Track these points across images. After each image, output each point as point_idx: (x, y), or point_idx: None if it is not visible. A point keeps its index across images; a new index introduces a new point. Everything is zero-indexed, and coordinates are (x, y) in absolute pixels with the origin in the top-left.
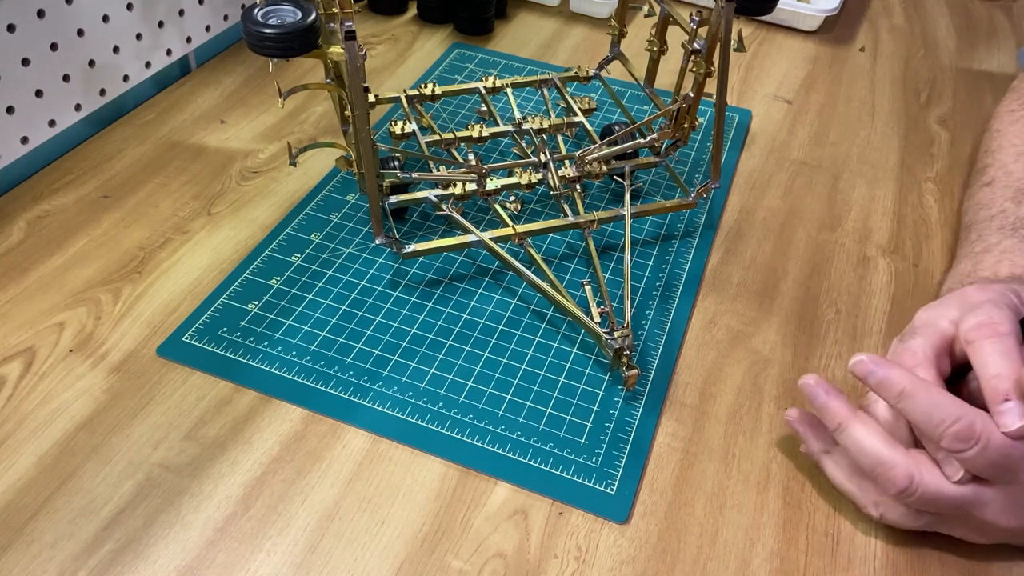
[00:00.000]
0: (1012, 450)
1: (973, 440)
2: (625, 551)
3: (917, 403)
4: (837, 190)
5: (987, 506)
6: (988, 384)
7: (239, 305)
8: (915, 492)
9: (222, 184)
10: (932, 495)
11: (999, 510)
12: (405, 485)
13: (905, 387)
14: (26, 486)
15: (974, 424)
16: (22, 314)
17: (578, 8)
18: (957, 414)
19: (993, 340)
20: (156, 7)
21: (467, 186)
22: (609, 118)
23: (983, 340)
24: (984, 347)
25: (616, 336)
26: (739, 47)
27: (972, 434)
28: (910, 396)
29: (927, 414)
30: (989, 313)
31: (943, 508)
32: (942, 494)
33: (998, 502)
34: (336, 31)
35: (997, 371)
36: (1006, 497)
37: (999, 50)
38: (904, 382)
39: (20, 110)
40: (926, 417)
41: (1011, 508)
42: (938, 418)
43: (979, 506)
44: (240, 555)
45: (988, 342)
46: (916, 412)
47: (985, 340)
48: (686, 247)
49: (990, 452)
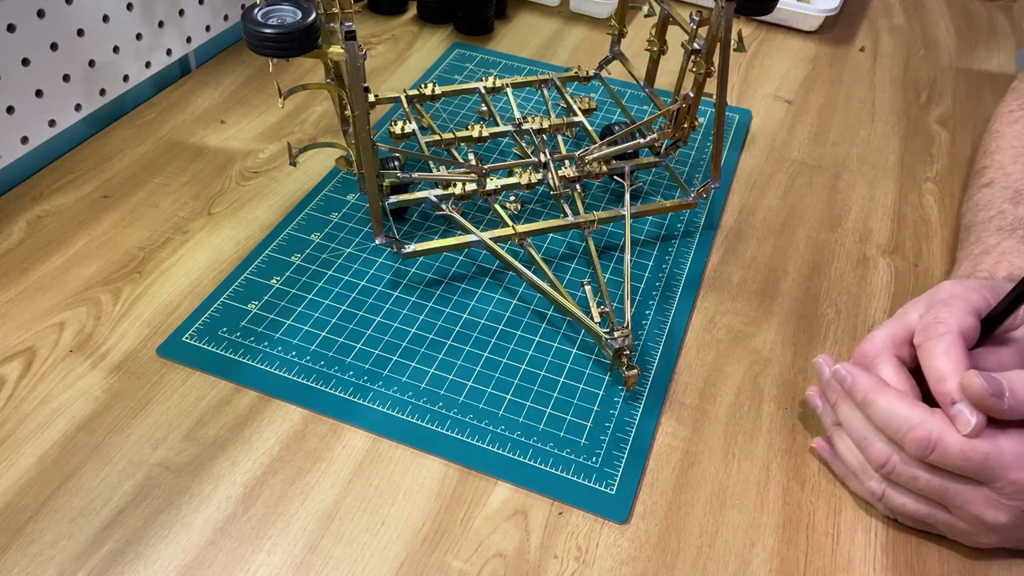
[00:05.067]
0: (972, 452)
1: (929, 447)
2: (625, 551)
3: (876, 409)
4: (837, 190)
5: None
6: (935, 389)
7: (239, 305)
8: (892, 468)
9: (222, 184)
10: (910, 473)
11: (982, 503)
12: (405, 485)
13: (867, 394)
14: (26, 486)
15: (929, 433)
16: (22, 314)
17: (578, 8)
18: (913, 422)
19: (935, 342)
20: (156, 7)
21: (467, 186)
22: (609, 118)
23: (926, 343)
24: (928, 349)
25: (616, 336)
26: (739, 47)
27: (928, 442)
28: (871, 403)
29: (885, 421)
30: (936, 314)
31: (923, 488)
32: (919, 473)
33: (980, 495)
34: (336, 31)
35: (940, 374)
36: (987, 492)
37: (999, 50)
38: (866, 390)
39: (20, 110)
40: (885, 425)
41: (996, 502)
42: (895, 424)
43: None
44: (240, 555)
45: (930, 344)
46: (876, 419)
47: (928, 343)
48: (686, 247)
49: (950, 455)
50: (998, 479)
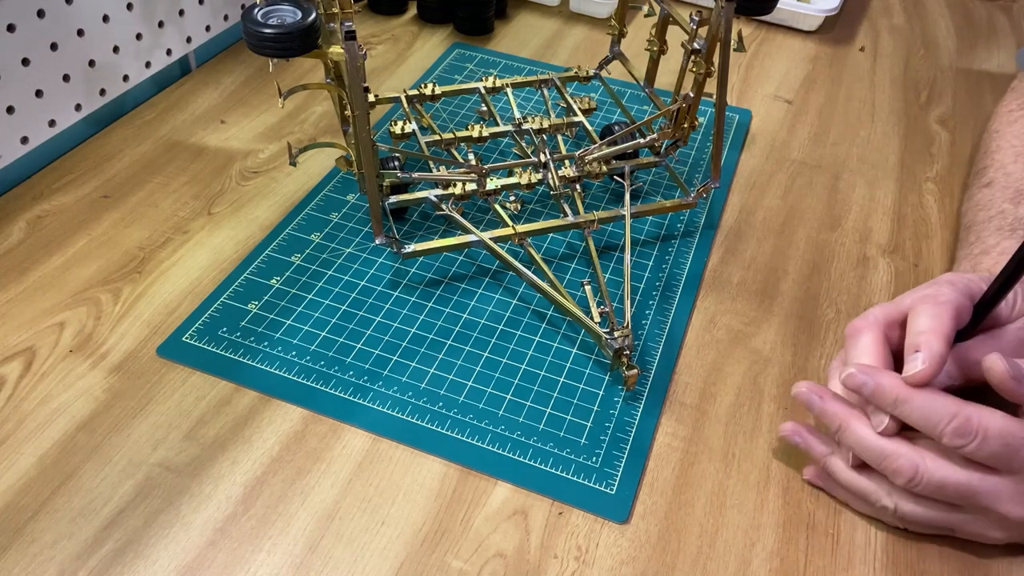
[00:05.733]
0: (1011, 437)
1: (972, 434)
2: (625, 551)
3: (913, 407)
4: (837, 190)
5: (999, 496)
6: (909, 342)
7: (239, 305)
8: (921, 479)
9: (222, 184)
10: (938, 481)
11: (1008, 499)
12: (405, 485)
13: (899, 393)
14: (26, 486)
15: (971, 419)
16: (22, 314)
17: (578, 8)
18: (953, 412)
19: (928, 306)
20: (156, 7)
21: (467, 186)
22: (609, 118)
23: (920, 306)
24: (918, 311)
25: (616, 336)
26: (739, 47)
27: (970, 429)
28: (905, 401)
29: (924, 416)
30: (936, 287)
31: (951, 494)
32: (948, 480)
33: (1008, 491)
34: (336, 31)
35: (920, 327)
36: (1015, 485)
37: (999, 50)
38: (897, 389)
39: (20, 110)
40: (924, 419)
41: (1021, 496)
42: (935, 418)
43: (990, 495)
44: (240, 555)
45: (923, 307)
46: (913, 415)
47: (923, 305)
48: (686, 247)
49: (991, 442)
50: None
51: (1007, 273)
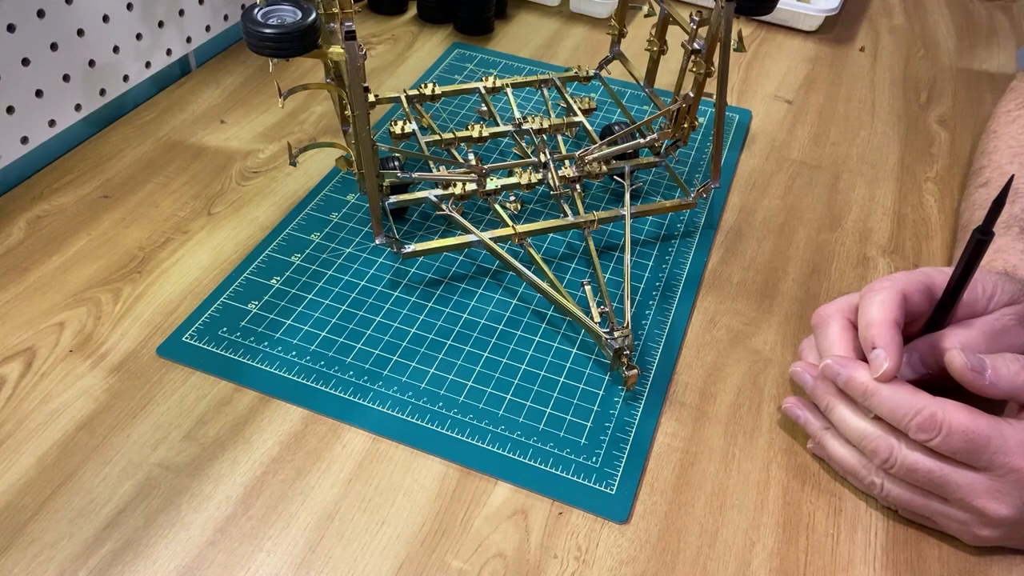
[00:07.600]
0: (973, 433)
1: (935, 429)
2: (625, 551)
3: (881, 400)
4: (837, 190)
5: (974, 489)
6: (862, 335)
7: (239, 305)
8: (896, 462)
9: (222, 184)
10: (911, 464)
11: (985, 494)
12: (405, 485)
13: (868, 387)
14: (26, 486)
15: (935, 414)
16: (22, 314)
17: (578, 8)
18: (918, 407)
19: (874, 293)
20: (156, 7)
21: (467, 186)
22: (609, 118)
23: (867, 295)
24: (867, 299)
25: (616, 336)
26: (739, 47)
27: (934, 424)
28: (874, 394)
29: (891, 410)
30: (889, 275)
31: (922, 480)
32: (919, 464)
33: (983, 485)
34: (336, 31)
35: (869, 320)
36: (991, 481)
37: (999, 50)
38: (867, 382)
39: (20, 110)
40: (890, 412)
41: (999, 493)
42: (900, 412)
43: (964, 488)
44: (240, 555)
45: (870, 295)
46: (881, 408)
47: (869, 294)
48: (686, 247)
49: (953, 438)
50: (998, 465)
51: (962, 263)
